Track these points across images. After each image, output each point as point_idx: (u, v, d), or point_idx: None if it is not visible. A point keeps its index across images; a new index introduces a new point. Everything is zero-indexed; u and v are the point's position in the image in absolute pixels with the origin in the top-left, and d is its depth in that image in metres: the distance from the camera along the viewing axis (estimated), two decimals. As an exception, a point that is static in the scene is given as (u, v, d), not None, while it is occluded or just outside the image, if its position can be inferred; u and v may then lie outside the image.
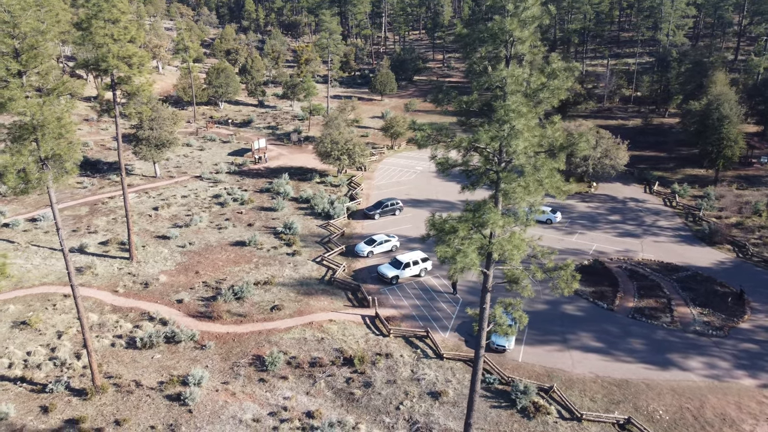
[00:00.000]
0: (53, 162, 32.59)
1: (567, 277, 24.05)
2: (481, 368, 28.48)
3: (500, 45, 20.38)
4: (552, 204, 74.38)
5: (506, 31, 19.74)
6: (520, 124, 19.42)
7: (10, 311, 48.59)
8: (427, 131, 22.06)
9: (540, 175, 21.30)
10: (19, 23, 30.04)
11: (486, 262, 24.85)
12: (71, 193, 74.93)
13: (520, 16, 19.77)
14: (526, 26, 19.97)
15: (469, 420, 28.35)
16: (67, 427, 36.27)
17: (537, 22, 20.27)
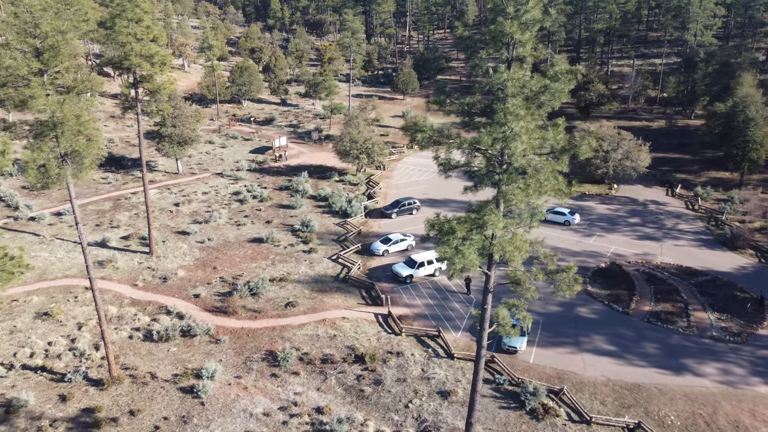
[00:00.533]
0: (72, 158, 33.51)
1: (569, 280, 24.03)
2: (483, 368, 28.60)
3: (501, 47, 20.48)
4: (570, 206, 73.86)
5: (506, 34, 19.83)
6: (518, 126, 19.51)
7: (33, 302, 50.01)
8: (427, 132, 22.28)
9: (540, 178, 21.34)
10: (40, 23, 30.97)
11: (488, 263, 24.95)
12: (95, 188, 76.65)
13: (521, 19, 19.84)
14: (527, 29, 20.04)
15: (470, 419, 28.49)
16: (84, 416, 37.29)
17: (538, 25, 20.30)
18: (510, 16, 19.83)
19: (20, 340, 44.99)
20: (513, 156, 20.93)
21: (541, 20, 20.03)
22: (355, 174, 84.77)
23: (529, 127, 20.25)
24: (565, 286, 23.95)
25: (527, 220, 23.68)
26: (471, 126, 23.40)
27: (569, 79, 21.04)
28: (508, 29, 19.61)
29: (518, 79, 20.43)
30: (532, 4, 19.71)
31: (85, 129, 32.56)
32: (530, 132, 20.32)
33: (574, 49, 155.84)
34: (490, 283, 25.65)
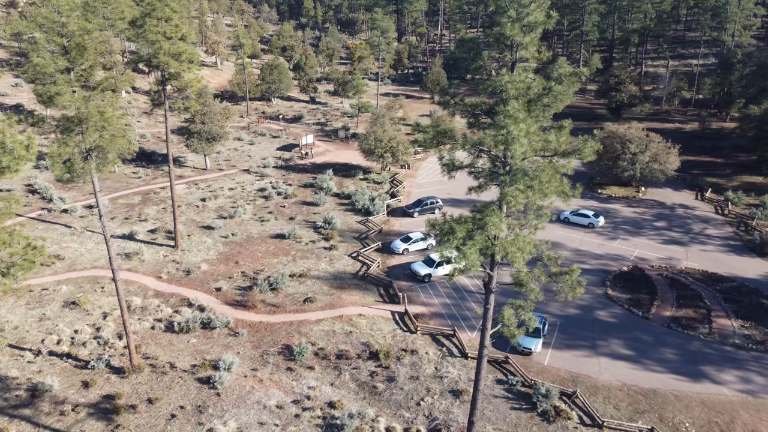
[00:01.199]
0: (96, 153, 34.67)
1: (572, 282, 24.00)
2: (485, 368, 28.71)
3: (504, 49, 20.59)
4: (595, 208, 73.02)
5: (507, 37, 19.93)
6: (517, 130, 19.59)
7: (62, 291, 51.77)
8: (430, 133, 22.52)
9: (542, 180, 21.38)
10: (67, 22, 32.16)
11: (490, 264, 25.08)
12: (126, 182, 78.73)
13: (522, 21, 19.91)
14: (529, 32, 20.09)
15: (472, 418, 28.64)
16: (104, 402, 38.57)
17: (540, 28, 20.33)
18: (511, 18, 19.92)
19: (48, 327, 46.67)
20: (512, 158, 21.01)
21: (544, 23, 20.06)
22: (380, 172, 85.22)
23: (529, 130, 20.30)
24: (568, 288, 23.93)
25: (532, 221, 23.71)
26: (477, 126, 23.56)
27: (573, 82, 21.03)
28: (508, 32, 19.73)
29: (518, 81, 20.52)
30: (533, 8, 19.76)
31: (108, 125, 33.65)
32: (530, 135, 20.38)
33: (607, 49, 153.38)
34: (492, 283, 25.77)
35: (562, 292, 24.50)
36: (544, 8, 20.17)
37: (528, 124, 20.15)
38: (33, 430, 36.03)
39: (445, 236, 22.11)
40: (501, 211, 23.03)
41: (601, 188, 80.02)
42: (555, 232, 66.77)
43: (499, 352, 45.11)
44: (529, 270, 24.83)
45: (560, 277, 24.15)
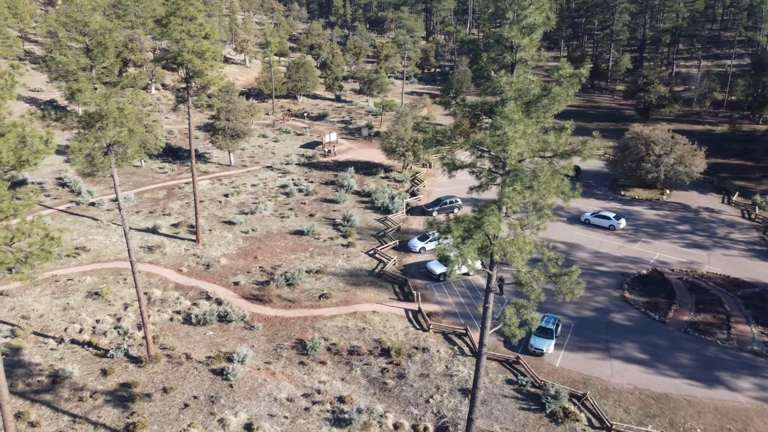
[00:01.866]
0: (115, 148, 35.76)
1: (571, 283, 24.04)
2: (484, 366, 28.89)
3: (505, 51, 20.73)
4: (617, 210, 72.19)
5: (506, 38, 20.09)
6: (512, 131, 19.74)
7: (86, 282, 53.38)
8: (429, 133, 22.78)
9: (540, 180, 21.49)
10: (89, 22, 33.26)
11: (489, 263, 25.24)
12: (153, 177, 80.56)
13: (521, 23, 20.02)
14: (527, 34, 20.19)
15: (471, 416, 28.82)
16: (121, 390, 39.76)
17: (540, 30, 20.41)
18: (510, 20, 20.08)
19: (71, 316, 48.22)
20: (509, 159, 21.15)
21: (542, 25, 20.14)
22: (401, 171, 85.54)
23: (526, 131, 20.42)
24: (566, 289, 23.97)
25: (534, 221, 23.81)
26: (479, 127, 23.74)
27: (573, 83, 21.05)
28: (506, 33, 19.89)
29: (516, 82, 20.65)
30: (531, 10, 19.87)
31: (127, 121, 34.67)
32: (527, 136, 20.50)
33: (637, 49, 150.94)
34: (491, 283, 25.93)
35: (560, 293, 24.54)
36: (543, 10, 20.26)
37: (525, 125, 20.26)
38: (52, 414, 37.36)
39: (443, 235, 22.38)
40: (501, 211, 23.19)
41: (624, 190, 79.02)
42: (574, 233, 66.28)
43: (510, 352, 45.12)
44: (530, 270, 24.94)
45: (559, 278, 24.21)
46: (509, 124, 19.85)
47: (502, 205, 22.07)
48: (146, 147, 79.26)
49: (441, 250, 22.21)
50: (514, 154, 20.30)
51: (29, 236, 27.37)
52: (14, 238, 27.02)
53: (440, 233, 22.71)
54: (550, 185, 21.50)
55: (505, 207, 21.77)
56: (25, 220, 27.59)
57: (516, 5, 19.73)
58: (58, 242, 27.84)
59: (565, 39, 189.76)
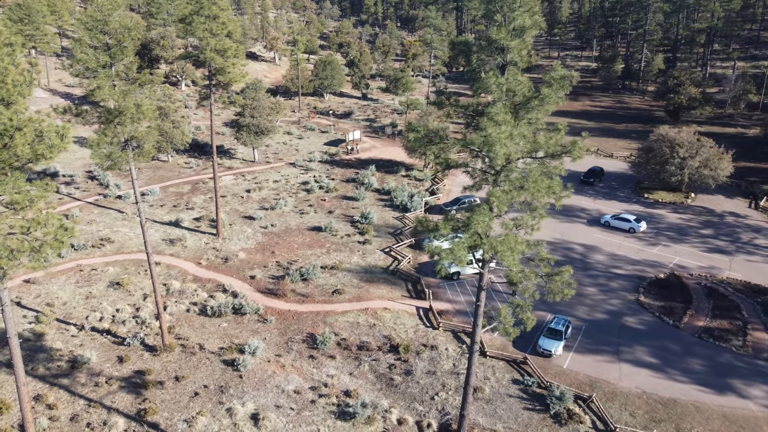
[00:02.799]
0: (133, 143, 37.02)
1: (563, 283, 24.19)
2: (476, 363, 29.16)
3: (495, 52, 20.98)
4: (639, 213, 71.30)
5: (495, 40, 20.35)
6: (496, 132, 19.99)
7: (109, 272, 55.18)
8: (421, 132, 23.16)
9: (529, 180, 21.73)
10: (109, 21, 34.52)
11: (481, 262, 25.54)
12: (179, 171, 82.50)
13: (509, 26, 20.25)
14: (516, 36, 20.39)
15: (463, 411, 29.10)
16: (135, 377, 41.15)
17: (530, 32, 20.58)
18: (498, 23, 20.33)
19: (93, 305, 49.95)
20: (495, 159, 21.44)
21: (532, 27, 20.31)
22: (422, 170, 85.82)
23: (513, 132, 20.66)
24: (557, 289, 24.14)
25: (528, 221, 24.03)
26: (472, 127, 24.04)
27: (562, 85, 21.18)
28: (494, 35, 20.15)
29: (503, 83, 20.89)
30: (518, 13, 20.07)
31: (144, 117, 35.86)
32: (513, 137, 20.73)
33: (671, 49, 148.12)
34: (483, 281, 26.21)
35: (551, 293, 24.72)
36: (533, 13, 20.44)
37: (511, 126, 20.51)
38: (69, 398, 38.90)
39: (430, 233, 22.78)
40: (492, 211, 23.48)
41: (648, 193, 77.90)
42: (593, 235, 65.73)
43: (518, 352, 45.18)
44: (522, 269, 25.17)
45: (551, 278, 24.36)
46: (494, 125, 20.14)
47: (491, 205, 22.34)
48: (173, 142, 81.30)
49: (431, 248, 22.59)
50: (500, 154, 20.56)
51: (45, 226, 28.60)
52: (30, 228, 28.28)
53: (429, 231, 23.10)
54: (539, 185, 21.70)
55: (495, 207, 22.02)
56: (41, 211, 28.85)
57: (506, 8, 19.96)
58: (71, 232, 29.02)
59: (598, 39, 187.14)
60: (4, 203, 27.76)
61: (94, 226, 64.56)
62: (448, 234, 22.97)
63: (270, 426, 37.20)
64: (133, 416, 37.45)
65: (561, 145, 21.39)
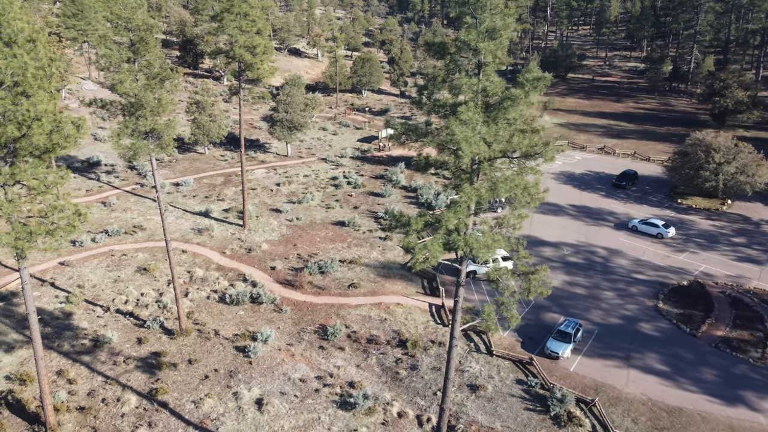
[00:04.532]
0: (152, 135, 38.86)
1: (539, 282, 24.42)
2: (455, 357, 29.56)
3: (469, 53, 21.34)
4: (670, 218, 69.70)
5: (466, 42, 20.72)
6: (460, 131, 20.41)
7: (138, 258, 57.77)
8: (399, 129, 23.74)
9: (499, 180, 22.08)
10: (133, 18, 36.36)
11: (459, 259, 25.98)
12: (213, 164, 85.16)
13: (479, 28, 20.57)
14: (488, 38, 20.69)
15: (443, 405, 29.58)
16: (151, 358, 43.18)
17: (504, 33, 20.82)
18: (468, 24, 20.70)
19: (120, 288, 52.47)
20: (463, 158, 21.88)
21: (504, 29, 20.55)
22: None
23: (482, 131, 21.03)
24: (533, 288, 24.40)
25: (510, 220, 24.36)
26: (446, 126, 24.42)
27: (535, 86, 21.40)
28: (464, 37, 20.55)
29: (474, 84, 21.26)
30: (487, 15, 20.37)
31: (164, 111, 37.63)
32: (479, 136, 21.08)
33: (722, 51, 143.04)
34: (461, 277, 26.64)
35: (528, 291, 24.98)
36: (506, 15, 20.70)
37: (480, 125, 20.89)
38: (89, 374, 41.20)
39: (403, 228, 23.41)
40: (467, 209, 23.94)
41: (682, 198, 75.94)
42: (618, 239, 64.71)
43: (525, 353, 45.19)
44: (498, 267, 25.50)
45: (528, 276, 24.63)
46: (460, 124, 20.59)
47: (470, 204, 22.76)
48: (209, 135, 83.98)
49: (405, 243, 23.20)
50: (467, 152, 20.98)
51: (61, 211, 30.56)
52: (48, 213, 30.28)
53: (402, 226, 23.72)
54: (509, 185, 22.05)
55: (464, 204, 22.45)
56: (58, 197, 30.83)
57: (479, 10, 20.30)
58: (85, 218, 30.90)
59: (648, 39, 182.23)
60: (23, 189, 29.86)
61: (128, 214, 67.54)
62: (420, 229, 23.53)
63: (273, 411, 38.51)
64: (145, 394, 39.40)
65: (534, 145, 21.66)
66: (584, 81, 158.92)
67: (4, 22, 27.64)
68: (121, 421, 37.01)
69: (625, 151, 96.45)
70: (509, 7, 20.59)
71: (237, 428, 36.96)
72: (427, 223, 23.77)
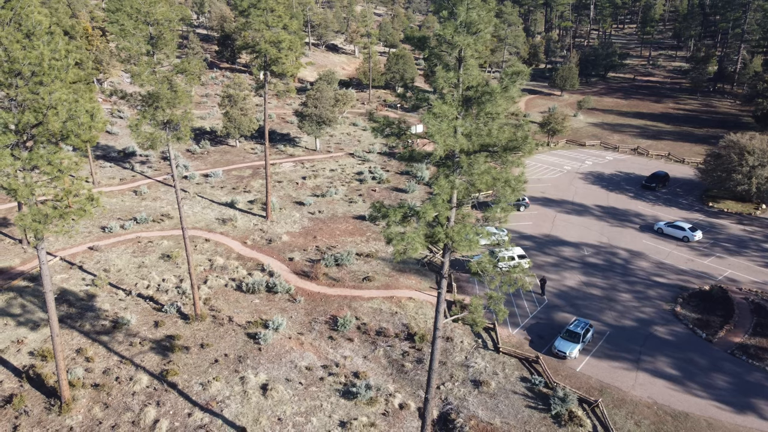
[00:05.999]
0: (170, 126, 40.29)
1: (516, 276, 24.54)
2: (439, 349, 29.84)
3: (447, 47, 21.56)
4: (698, 221, 68.00)
5: (443, 36, 20.96)
6: (432, 124, 20.71)
7: (163, 245, 59.77)
8: (381, 123, 24.15)
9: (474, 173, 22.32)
10: (152, 12, 37.79)
11: (442, 251, 26.25)
12: (243, 156, 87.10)
13: (456, 22, 20.75)
14: (466, 33, 20.86)
15: (427, 395, 29.85)
16: (166, 341, 44.79)
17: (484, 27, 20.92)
18: (443, 18, 20.95)
19: (143, 273, 54.46)
20: (436, 150, 22.16)
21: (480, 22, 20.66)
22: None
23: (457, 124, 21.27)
24: (510, 281, 24.56)
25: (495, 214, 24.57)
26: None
27: (514, 81, 21.48)
28: (441, 31, 20.80)
29: (450, 78, 21.49)
30: (461, 9, 20.53)
31: (179, 102, 38.99)
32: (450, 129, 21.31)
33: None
34: (444, 270, 26.91)
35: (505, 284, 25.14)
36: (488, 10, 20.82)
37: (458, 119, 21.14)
38: (106, 353, 43.06)
39: (383, 219, 23.85)
40: (451, 201, 24.26)
41: (713, 201, 73.93)
42: (642, 241, 63.53)
43: (532, 351, 45.04)
44: (480, 261, 25.72)
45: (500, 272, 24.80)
46: (432, 117, 20.92)
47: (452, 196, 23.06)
48: (240, 128, 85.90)
49: (386, 234, 23.64)
50: (440, 144, 21.30)
51: (75, 196, 32.15)
52: (62, 197, 31.90)
53: (382, 217, 24.15)
54: (484, 177, 22.27)
55: (438, 198, 22.75)
56: (73, 182, 32.43)
57: (458, 4, 20.49)
58: (97, 203, 32.42)
59: (695, 38, 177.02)
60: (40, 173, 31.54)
61: (158, 203, 69.85)
62: (399, 220, 23.95)
63: (276, 396, 39.53)
64: (156, 375, 40.97)
65: (513, 139, 21.79)
66: (625, 80, 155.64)
67: (24, 15, 29.27)
68: (132, 399, 38.63)
69: (659, 153, 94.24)
70: (488, 2, 20.74)
71: (240, 411, 38.11)
72: (405, 214, 24.17)
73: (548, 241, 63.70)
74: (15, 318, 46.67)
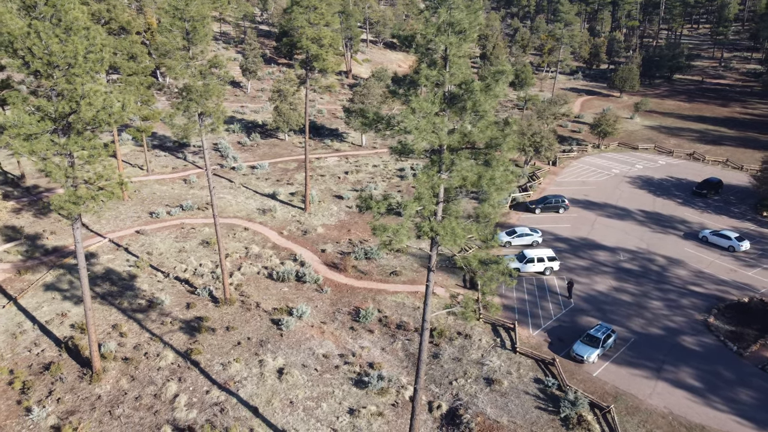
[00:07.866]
0: (203, 117, 42.40)
1: (500, 272, 24.75)
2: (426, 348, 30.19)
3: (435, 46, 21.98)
4: (746, 231, 65.12)
5: (425, 35, 21.41)
6: (410, 119, 21.19)
7: (204, 232, 62.59)
8: (370, 116, 24.78)
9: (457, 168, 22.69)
10: (187, 9, 39.91)
11: (430, 245, 26.72)
12: (291, 150, 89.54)
13: (438, 21, 21.15)
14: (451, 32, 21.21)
15: (416, 385, 30.28)
16: (194, 322, 47.15)
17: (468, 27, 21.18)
18: (425, 18, 21.39)
19: (183, 258, 57.29)
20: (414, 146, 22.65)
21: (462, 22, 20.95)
22: (521, 166, 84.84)
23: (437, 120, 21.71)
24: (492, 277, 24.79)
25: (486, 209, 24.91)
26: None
27: (497, 79, 21.71)
28: (423, 30, 21.27)
29: (431, 75, 21.93)
30: (442, 10, 20.90)
31: (211, 95, 41.00)
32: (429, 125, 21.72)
33: None
34: (432, 263, 27.37)
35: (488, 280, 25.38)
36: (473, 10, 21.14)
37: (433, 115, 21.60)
38: (139, 330, 45.80)
39: (367, 209, 24.58)
40: (438, 196, 24.78)
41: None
42: (684, 249, 61.47)
43: (549, 353, 44.72)
44: (464, 256, 26.06)
45: (488, 266, 25.04)
46: (410, 113, 21.47)
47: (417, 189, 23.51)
48: (289, 123, 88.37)
49: (373, 225, 24.36)
50: (418, 140, 21.81)
51: (107, 180, 34.55)
52: (96, 180, 34.35)
53: (368, 209, 24.86)
54: (464, 173, 22.65)
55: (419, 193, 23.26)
56: (106, 167, 34.83)
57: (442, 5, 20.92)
58: (126, 187, 34.73)
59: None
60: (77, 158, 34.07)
61: (204, 191, 73.02)
62: (383, 212, 24.63)
63: (291, 381, 41.03)
64: (181, 353, 43.29)
65: (494, 137, 22.05)
66: (692, 83, 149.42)
67: (63, 11, 31.72)
68: (156, 373, 41.04)
69: (716, 158, 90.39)
70: (474, 2, 21.10)
71: (255, 392, 39.82)
72: (390, 207, 24.86)
73: (584, 244, 62.58)
74: (62, 293, 50.24)
